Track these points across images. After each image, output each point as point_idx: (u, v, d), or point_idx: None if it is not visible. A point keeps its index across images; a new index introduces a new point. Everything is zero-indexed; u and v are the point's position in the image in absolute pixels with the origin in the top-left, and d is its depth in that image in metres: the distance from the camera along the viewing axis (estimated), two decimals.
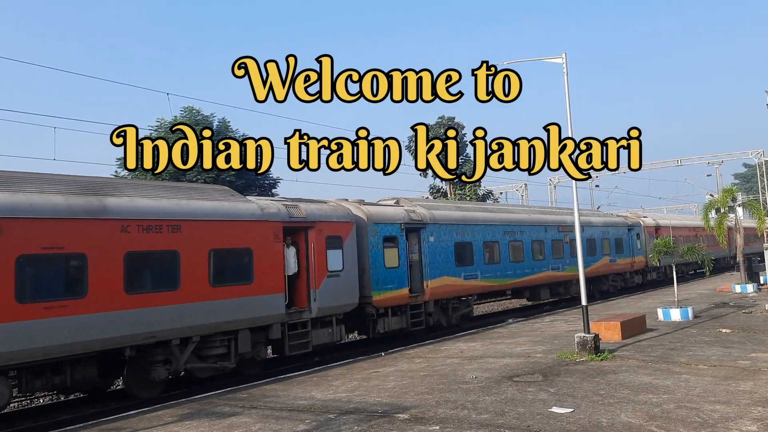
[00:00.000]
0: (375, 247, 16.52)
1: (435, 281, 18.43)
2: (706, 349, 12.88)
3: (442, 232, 18.98)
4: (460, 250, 19.73)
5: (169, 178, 27.99)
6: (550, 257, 24.33)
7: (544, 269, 24.04)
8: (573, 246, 23.87)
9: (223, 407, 10.08)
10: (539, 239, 23.87)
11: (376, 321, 16.76)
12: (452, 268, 19.18)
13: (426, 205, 19.70)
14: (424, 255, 18.19)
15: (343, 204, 16.82)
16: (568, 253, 25.19)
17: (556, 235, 24.90)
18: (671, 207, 71.87)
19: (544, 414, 8.36)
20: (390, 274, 16.88)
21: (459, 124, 45.08)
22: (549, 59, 14.29)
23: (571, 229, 24.22)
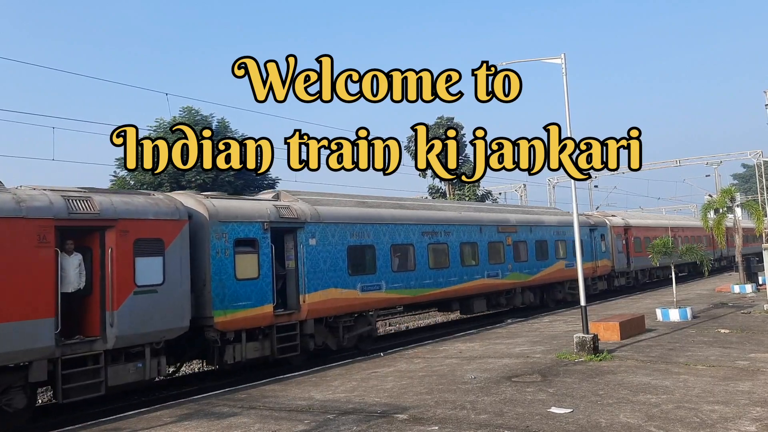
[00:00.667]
0: (221, 253, 12.84)
1: (317, 295, 14.79)
2: (705, 350, 12.89)
3: (329, 234, 15.44)
4: (357, 256, 16.23)
5: (168, 179, 28.01)
6: (485, 262, 20.96)
7: (477, 277, 20.47)
8: (517, 249, 22.50)
9: (222, 407, 10.08)
10: (471, 241, 20.52)
11: (222, 348, 12.97)
12: (344, 277, 15.59)
13: (311, 199, 16.09)
14: (301, 262, 14.61)
15: (174, 196, 13.03)
16: (510, 257, 22.21)
17: (494, 237, 21.60)
18: (670, 207, 71.95)
19: (543, 414, 8.37)
20: (244, 287, 13.14)
21: (458, 125, 45.10)
22: (548, 59, 14.31)
23: (514, 229, 22.58)
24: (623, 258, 31.32)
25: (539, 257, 23.92)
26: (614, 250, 30.17)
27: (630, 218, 34.56)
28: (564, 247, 25.67)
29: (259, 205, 14.32)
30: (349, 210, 16.71)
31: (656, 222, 38.26)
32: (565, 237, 25.81)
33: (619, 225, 31.82)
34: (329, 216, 15.75)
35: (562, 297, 25.97)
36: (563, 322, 19.06)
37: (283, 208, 14.72)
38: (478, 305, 21.18)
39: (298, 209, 15.02)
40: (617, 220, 32.04)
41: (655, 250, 19.57)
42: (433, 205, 21.71)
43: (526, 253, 23.12)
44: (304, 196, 16.27)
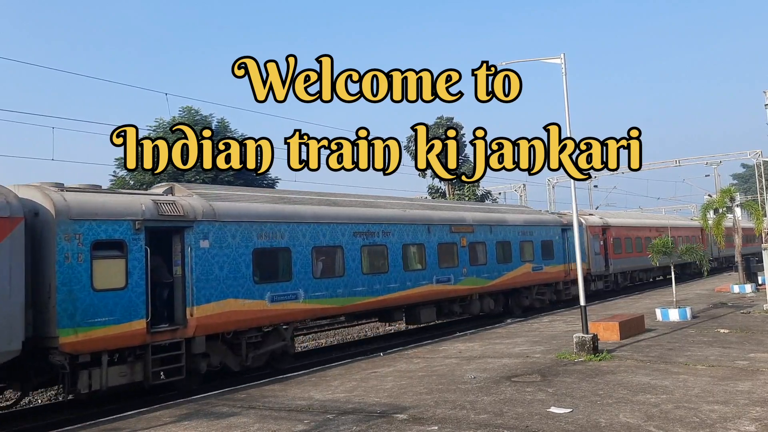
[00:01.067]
0: (71, 258, 10.70)
1: (210, 307, 12.60)
2: (704, 350, 12.90)
3: (228, 234, 13.22)
4: (266, 260, 14.02)
5: (168, 178, 28.01)
6: (434, 266, 18.65)
7: (424, 282, 18.20)
8: (474, 251, 20.46)
9: (221, 407, 10.08)
10: (417, 242, 18.25)
11: (76, 374, 10.83)
12: (247, 285, 13.41)
13: (208, 194, 13.85)
14: (189, 269, 12.37)
15: (15, 188, 11.05)
16: (465, 260, 19.98)
17: (446, 238, 19.35)
18: (669, 207, 71.99)
19: (543, 414, 8.37)
20: (104, 299, 11.01)
21: (458, 125, 45.11)
22: (548, 59, 14.32)
23: (470, 229, 20.46)
24: (601, 260, 29.27)
25: (501, 260, 21.78)
26: (590, 252, 27.99)
27: (609, 217, 32.29)
28: (531, 248, 23.57)
29: (130, 200, 11.98)
30: (256, 207, 14.31)
31: (639, 221, 36.15)
32: (533, 237, 23.83)
33: (597, 224, 29.68)
34: (228, 213, 13.42)
35: (530, 303, 23.91)
36: (563, 322, 19.06)
37: (165, 203, 12.36)
38: (427, 314, 18.85)
39: (185, 205, 12.64)
40: (594, 219, 29.86)
41: (654, 250, 19.54)
42: (370, 201, 18.80)
43: (484, 256, 20.98)
44: (201, 190, 14.24)
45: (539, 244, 24.10)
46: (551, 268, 24.87)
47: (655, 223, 37.21)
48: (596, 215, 31.39)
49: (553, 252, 25.01)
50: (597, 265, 28.76)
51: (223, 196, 14.21)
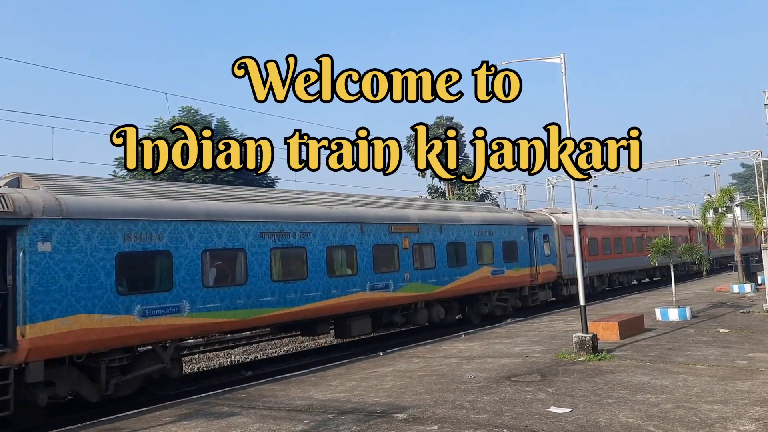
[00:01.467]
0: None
1: (51, 325, 10.29)
2: (704, 349, 12.90)
3: (80, 235, 10.91)
4: (135, 266, 11.77)
5: (167, 178, 28.01)
6: (368, 271, 16.39)
7: (354, 290, 15.91)
8: (420, 254, 18.30)
9: (221, 407, 10.08)
10: (347, 244, 15.96)
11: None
12: (107, 298, 11.11)
13: (59, 185, 11.50)
14: (21, 278, 10.12)
15: None
16: (408, 263, 17.69)
17: (383, 238, 17.08)
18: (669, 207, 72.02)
19: (543, 414, 8.37)
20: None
21: (457, 124, 45.14)
22: (547, 59, 14.31)
23: (414, 228, 18.16)
24: (573, 262, 28.18)
25: (453, 263, 19.50)
26: (562, 254, 25.77)
27: (584, 216, 29.37)
28: (490, 250, 21.30)
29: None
30: (124, 202, 11.85)
31: (618, 220, 33.67)
32: (493, 238, 21.50)
33: (569, 224, 26.40)
34: (82, 209, 11.06)
35: (489, 311, 21.72)
36: (562, 322, 19.07)
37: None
38: (359, 326, 16.56)
39: (18, 199, 10.25)
40: (567, 218, 26.95)
41: (654, 250, 19.53)
42: (284, 197, 16.09)
43: (432, 259, 18.72)
44: (54, 181, 11.67)
45: (500, 246, 21.81)
46: (515, 271, 22.48)
47: (637, 223, 34.97)
48: (569, 213, 30.07)
49: (518, 254, 22.69)
50: (569, 268, 26.05)
51: (80, 188, 11.71)
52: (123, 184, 13.54)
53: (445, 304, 19.83)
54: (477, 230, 20.94)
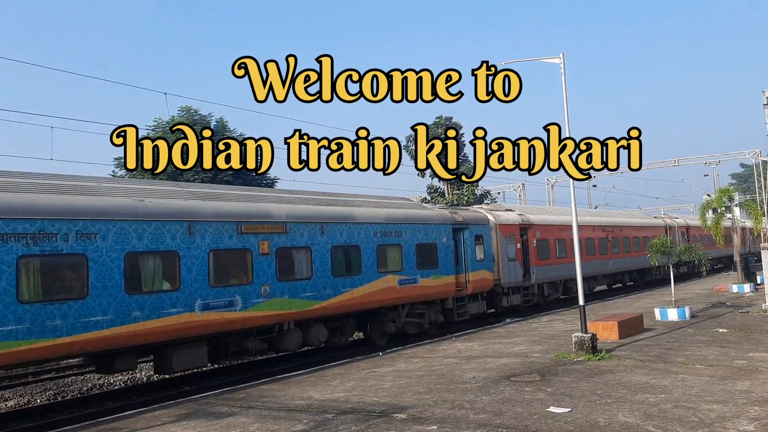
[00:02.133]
0: None
1: None
2: (703, 349, 12.92)
3: None
4: None
5: (167, 178, 28.01)
6: (200, 285, 12.50)
7: (174, 311, 12.06)
8: (288, 261, 14.45)
9: (220, 407, 10.08)
10: (162, 250, 12.09)
11: None
12: None
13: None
14: None
15: None
16: (268, 273, 13.85)
17: (228, 241, 13.18)
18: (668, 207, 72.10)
19: (542, 414, 8.38)
20: None
21: (457, 124, 45.16)
22: (547, 59, 14.31)
23: (279, 228, 14.29)
24: (516, 268, 22.91)
25: (340, 271, 15.69)
26: (501, 258, 21.93)
27: (532, 213, 25.95)
28: (398, 254, 17.47)
29: None
30: None
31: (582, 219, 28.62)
32: (402, 240, 17.64)
33: (511, 222, 23.22)
34: None
35: (398, 329, 17.89)
36: (562, 322, 19.08)
37: None
38: (186, 358, 12.68)
39: None
40: (508, 216, 23.52)
41: (653, 250, 19.54)
42: (59, 185, 11.77)
43: (307, 267, 14.84)
44: None
45: (413, 249, 17.92)
46: (434, 280, 18.51)
47: (601, 221, 30.80)
48: (515, 210, 25.24)
49: (437, 259, 18.74)
50: (511, 275, 22.49)
51: None
52: None
53: (330, 323, 16.05)
54: (379, 230, 16.96)
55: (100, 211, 11.31)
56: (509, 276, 22.41)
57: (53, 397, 14.14)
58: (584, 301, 13.69)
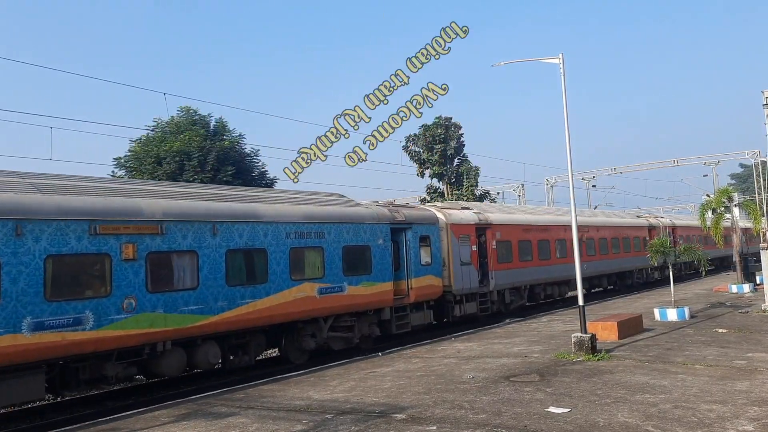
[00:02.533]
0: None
1: None
2: (702, 349, 12.91)
3: None
4: None
5: (166, 178, 28.01)
6: (29, 300, 10.09)
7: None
8: (165, 268, 12.16)
9: (220, 407, 10.07)
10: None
11: None
12: None
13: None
14: None
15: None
16: (134, 284, 11.51)
17: (76, 245, 10.81)
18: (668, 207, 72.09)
19: (541, 414, 8.37)
20: None
21: (456, 125, 45.19)
22: (546, 59, 14.30)
23: (149, 229, 11.93)
24: (471, 273, 20.20)
25: (239, 280, 13.32)
26: (452, 262, 19.32)
27: (491, 211, 23.03)
28: (318, 258, 15.07)
29: None
30: None
31: (542, 218, 26.25)
32: (325, 241, 15.28)
33: (466, 222, 20.58)
34: None
35: (320, 344, 15.45)
36: (561, 322, 19.07)
37: None
38: (8, 390, 10.02)
39: None
40: (463, 215, 20.86)
41: (652, 250, 19.55)
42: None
43: (193, 275, 12.51)
44: None
45: (339, 252, 15.54)
46: (367, 287, 16.15)
47: (554, 220, 27.56)
48: (473, 209, 22.34)
49: (371, 263, 16.41)
50: (464, 280, 19.87)
51: None
52: None
53: (229, 340, 13.70)
54: (293, 231, 14.57)
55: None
56: (462, 282, 19.83)
57: (52, 398, 14.11)
58: (583, 302, 13.69)
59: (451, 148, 44.30)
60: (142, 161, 30.07)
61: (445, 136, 44.26)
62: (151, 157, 29.86)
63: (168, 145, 29.78)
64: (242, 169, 31.45)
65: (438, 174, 44.67)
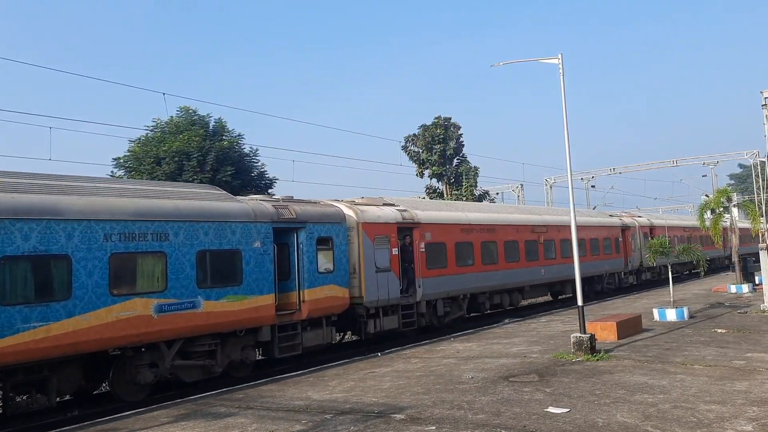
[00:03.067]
0: None
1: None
2: (701, 349, 12.92)
3: None
4: None
5: (165, 178, 28.00)
6: None
7: None
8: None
9: (219, 408, 10.07)
10: None
11: None
12: None
13: None
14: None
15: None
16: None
17: None
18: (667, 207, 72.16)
19: (540, 414, 8.38)
20: None
21: (455, 125, 45.21)
22: (545, 60, 14.32)
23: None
24: (391, 280, 17.19)
25: (19, 297, 10.07)
26: (364, 268, 16.32)
27: (420, 208, 19.88)
28: (159, 267, 12.00)
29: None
30: None
31: (486, 216, 22.56)
32: (168, 245, 12.14)
33: (384, 221, 17.44)
34: None
35: (160, 377, 12.46)
36: (560, 322, 19.08)
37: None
38: None
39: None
40: (380, 213, 17.63)
41: (652, 250, 19.54)
42: None
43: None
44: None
45: (192, 258, 12.48)
46: (234, 302, 13.04)
47: (527, 220, 24.51)
48: (396, 205, 18.95)
49: (241, 272, 13.31)
50: (380, 290, 16.79)
51: None
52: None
53: (13, 377, 10.45)
54: (118, 232, 11.39)
55: None
56: (377, 292, 16.62)
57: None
58: (583, 302, 13.69)
59: (450, 148, 44.34)
60: (141, 161, 30.06)
61: (445, 136, 44.30)
62: (151, 158, 29.86)
63: (167, 146, 29.78)
64: (241, 170, 31.45)
65: (437, 174, 44.71)
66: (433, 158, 44.16)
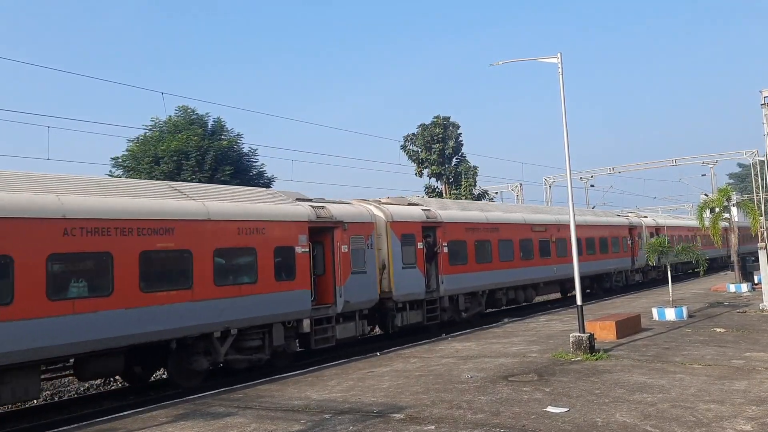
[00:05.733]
0: None
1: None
2: (700, 349, 12.93)
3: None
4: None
5: (164, 178, 27.99)
6: None
7: None
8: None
9: (218, 407, 10.06)
10: None
11: None
12: None
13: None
14: None
15: None
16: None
17: None
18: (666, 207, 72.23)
19: (540, 413, 8.37)
20: None
21: (454, 124, 45.24)
22: (544, 59, 14.31)
23: None
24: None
25: None
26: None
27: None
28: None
29: None
30: None
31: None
32: None
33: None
34: None
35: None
36: (560, 322, 19.08)
37: None
38: None
39: None
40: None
41: (650, 250, 19.56)
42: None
43: None
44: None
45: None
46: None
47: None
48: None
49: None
50: (408, 286, 17.74)
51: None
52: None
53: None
54: None
55: None
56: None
57: (50, 398, 14.11)
58: (582, 301, 13.70)
59: (449, 147, 44.36)
60: (139, 161, 30.07)
61: (444, 136, 44.32)
62: (149, 157, 29.86)
63: (166, 145, 29.78)
64: (240, 169, 31.47)
65: (436, 173, 44.73)
66: (432, 157, 44.18)
